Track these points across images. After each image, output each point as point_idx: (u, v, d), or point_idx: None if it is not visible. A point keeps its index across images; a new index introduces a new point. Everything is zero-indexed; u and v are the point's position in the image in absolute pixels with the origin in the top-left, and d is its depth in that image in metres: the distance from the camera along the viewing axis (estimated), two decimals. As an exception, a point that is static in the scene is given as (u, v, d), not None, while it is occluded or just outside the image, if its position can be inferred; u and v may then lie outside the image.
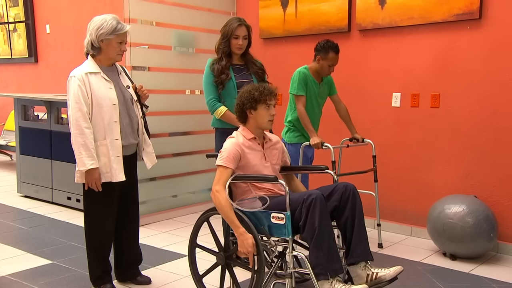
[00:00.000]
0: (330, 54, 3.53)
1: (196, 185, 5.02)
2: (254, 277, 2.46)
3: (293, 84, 3.57)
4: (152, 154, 3.00)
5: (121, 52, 2.80)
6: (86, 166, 2.65)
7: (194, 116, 4.86)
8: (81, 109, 2.67)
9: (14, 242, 3.88)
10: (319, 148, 3.45)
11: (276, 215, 2.45)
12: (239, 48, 3.29)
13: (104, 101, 2.72)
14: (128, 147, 2.86)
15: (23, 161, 5.40)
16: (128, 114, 2.84)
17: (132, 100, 2.88)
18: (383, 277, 2.44)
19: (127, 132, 2.83)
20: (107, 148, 2.73)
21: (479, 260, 3.49)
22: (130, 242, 3.04)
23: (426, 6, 3.82)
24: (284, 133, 3.74)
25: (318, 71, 3.60)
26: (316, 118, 3.70)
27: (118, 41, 2.76)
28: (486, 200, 3.65)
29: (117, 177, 2.75)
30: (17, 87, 7.66)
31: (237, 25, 3.27)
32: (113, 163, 2.74)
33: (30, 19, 7.18)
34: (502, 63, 3.58)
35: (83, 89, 2.69)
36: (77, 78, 2.70)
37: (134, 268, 3.07)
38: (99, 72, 2.77)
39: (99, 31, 2.72)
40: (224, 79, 3.26)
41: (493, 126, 3.65)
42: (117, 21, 2.75)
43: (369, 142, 3.77)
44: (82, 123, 2.66)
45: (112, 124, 2.73)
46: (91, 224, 2.89)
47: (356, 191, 2.57)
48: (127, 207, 2.99)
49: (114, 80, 2.82)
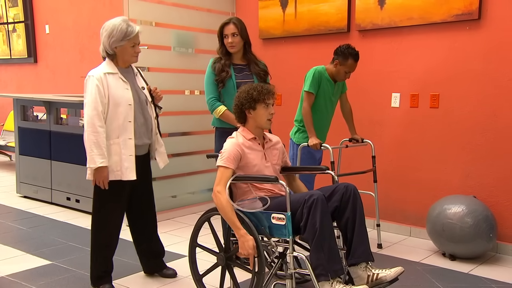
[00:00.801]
0: (349, 61, 3.48)
1: (195, 186, 5.03)
2: (254, 278, 2.46)
3: (307, 81, 3.54)
4: (164, 154, 3.06)
5: (135, 54, 2.87)
6: (96, 163, 2.70)
7: (194, 117, 4.86)
8: (96, 108, 2.72)
9: (13, 242, 3.88)
10: (318, 149, 3.45)
11: (277, 215, 2.45)
12: (230, 46, 3.29)
13: (121, 101, 2.79)
14: (142, 147, 2.92)
15: (22, 162, 5.40)
16: (143, 115, 2.90)
17: (147, 101, 2.95)
18: (383, 278, 2.44)
19: (141, 132, 2.89)
20: (119, 146, 2.78)
21: (478, 260, 3.49)
22: (150, 237, 3.12)
23: (426, 7, 3.83)
24: (293, 133, 3.71)
25: (334, 75, 3.56)
26: (328, 117, 3.67)
27: (131, 45, 2.82)
28: (486, 200, 3.65)
29: (128, 175, 2.80)
30: (16, 88, 7.66)
31: (224, 24, 3.31)
32: (124, 162, 2.79)
33: (29, 19, 7.18)
34: (502, 64, 3.59)
35: (101, 88, 2.74)
36: (96, 78, 2.76)
37: (159, 260, 3.16)
38: (117, 73, 2.83)
39: (111, 39, 2.77)
40: (225, 77, 3.27)
41: (492, 126, 3.65)
42: (127, 24, 2.79)
43: (369, 142, 3.76)
44: (96, 121, 2.72)
45: (126, 123, 2.80)
46: (97, 222, 2.93)
47: (357, 192, 2.57)
48: (142, 205, 3.06)
49: (130, 81, 2.89)
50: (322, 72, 3.54)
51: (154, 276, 3.18)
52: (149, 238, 3.13)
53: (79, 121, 5.05)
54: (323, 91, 3.55)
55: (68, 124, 5.08)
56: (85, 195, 4.69)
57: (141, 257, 3.16)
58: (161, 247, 3.19)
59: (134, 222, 3.08)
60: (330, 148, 3.42)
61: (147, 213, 3.11)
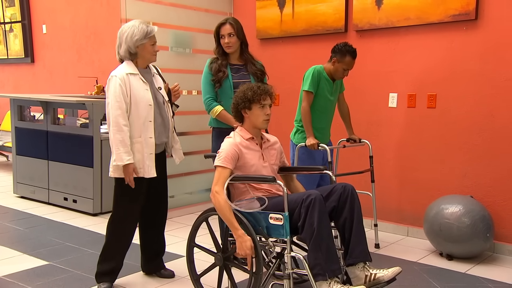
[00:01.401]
0: (346, 58, 3.47)
1: (193, 186, 5.02)
2: (252, 279, 2.46)
3: (305, 80, 3.53)
4: (180, 150, 3.17)
5: (155, 53, 2.95)
6: (124, 161, 2.78)
7: (191, 117, 4.86)
8: (121, 107, 2.79)
9: (10, 243, 3.87)
10: (315, 149, 3.44)
11: (274, 215, 2.45)
12: (227, 46, 3.30)
13: (142, 101, 2.86)
14: (159, 145, 3.01)
15: (19, 162, 5.39)
16: (161, 114, 2.98)
17: (164, 101, 3.02)
18: (381, 278, 2.44)
19: (160, 131, 2.97)
20: (142, 145, 2.86)
21: (476, 260, 3.50)
22: (157, 234, 3.17)
23: (423, 7, 3.83)
24: (293, 134, 3.70)
25: (332, 73, 3.56)
26: (329, 116, 3.67)
27: (151, 43, 2.92)
28: (482, 200, 3.66)
29: (149, 173, 2.89)
30: (13, 88, 7.64)
31: (220, 24, 3.33)
32: (146, 160, 2.88)
33: (26, 19, 7.16)
34: (498, 64, 3.59)
35: (124, 88, 2.81)
36: (119, 78, 2.82)
37: (158, 259, 3.19)
38: (137, 73, 2.90)
39: (134, 37, 2.85)
40: (221, 76, 3.27)
41: (489, 126, 3.66)
42: (145, 24, 2.89)
43: (366, 142, 3.77)
44: (121, 120, 2.78)
45: (147, 123, 2.88)
46: (116, 217, 2.97)
47: (355, 192, 2.57)
48: (157, 203, 3.13)
49: (150, 82, 2.96)
50: (321, 71, 3.53)
51: (152, 276, 3.18)
52: (157, 234, 3.17)
53: (76, 121, 5.04)
54: (322, 90, 3.54)
55: (65, 124, 5.07)
56: (82, 196, 4.67)
57: (143, 254, 3.18)
58: (163, 246, 3.23)
59: (146, 217, 3.11)
60: (327, 148, 3.42)
61: (161, 209, 3.17)
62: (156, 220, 3.16)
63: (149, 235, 3.15)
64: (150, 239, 3.15)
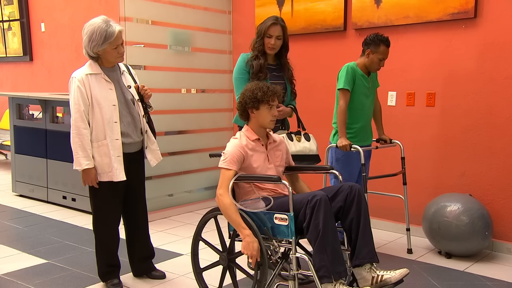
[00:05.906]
0: (381, 47, 3.37)
1: (192, 184, 5.02)
2: (255, 286, 2.43)
3: (340, 79, 3.39)
4: (156, 151, 3.04)
5: (119, 55, 2.81)
6: (82, 166, 2.74)
7: (190, 115, 4.85)
8: (79, 110, 2.72)
9: (9, 241, 3.87)
10: (348, 150, 3.30)
11: (279, 216, 2.42)
12: (271, 48, 3.17)
13: (104, 101, 2.76)
14: (132, 144, 2.91)
15: (18, 160, 5.38)
16: (130, 113, 2.88)
17: (134, 100, 2.91)
18: (388, 280, 2.40)
19: (129, 130, 2.87)
20: (108, 148, 2.78)
21: (474, 258, 3.50)
22: (141, 238, 3.11)
23: (422, 5, 3.83)
24: (332, 136, 3.54)
25: (367, 66, 3.42)
26: (368, 113, 3.53)
27: (113, 47, 2.76)
28: (481, 198, 3.66)
29: (118, 176, 2.81)
30: (12, 86, 7.63)
31: (271, 23, 3.14)
32: (114, 163, 2.78)
33: (25, 17, 7.15)
34: (497, 62, 3.59)
35: (83, 90, 2.73)
36: (77, 79, 2.75)
37: (148, 263, 3.14)
38: (100, 73, 2.80)
39: (91, 43, 2.74)
40: (262, 78, 3.12)
41: (488, 124, 3.66)
42: (106, 26, 2.72)
43: (398, 143, 3.63)
44: (80, 124, 2.72)
45: (112, 124, 2.78)
46: (97, 220, 2.95)
47: (362, 192, 2.53)
48: (135, 204, 3.06)
49: (116, 80, 2.86)
50: (355, 68, 3.40)
51: (143, 277, 3.13)
52: (141, 237, 3.11)
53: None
54: (358, 87, 3.41)
55: (64, 122, 5.06)
56: (81, 194, 4.67)
57: (131, 259, 3.13)
58: (151, 249, 3.17)
59: (127, 220, 3.07)
60: (360, 149, 3.28)
61: (139, 211, 3.09)
62: (137, 224, 3.08)
63: (134, 235, 3.09)
64: (136, 240, 3.09)
